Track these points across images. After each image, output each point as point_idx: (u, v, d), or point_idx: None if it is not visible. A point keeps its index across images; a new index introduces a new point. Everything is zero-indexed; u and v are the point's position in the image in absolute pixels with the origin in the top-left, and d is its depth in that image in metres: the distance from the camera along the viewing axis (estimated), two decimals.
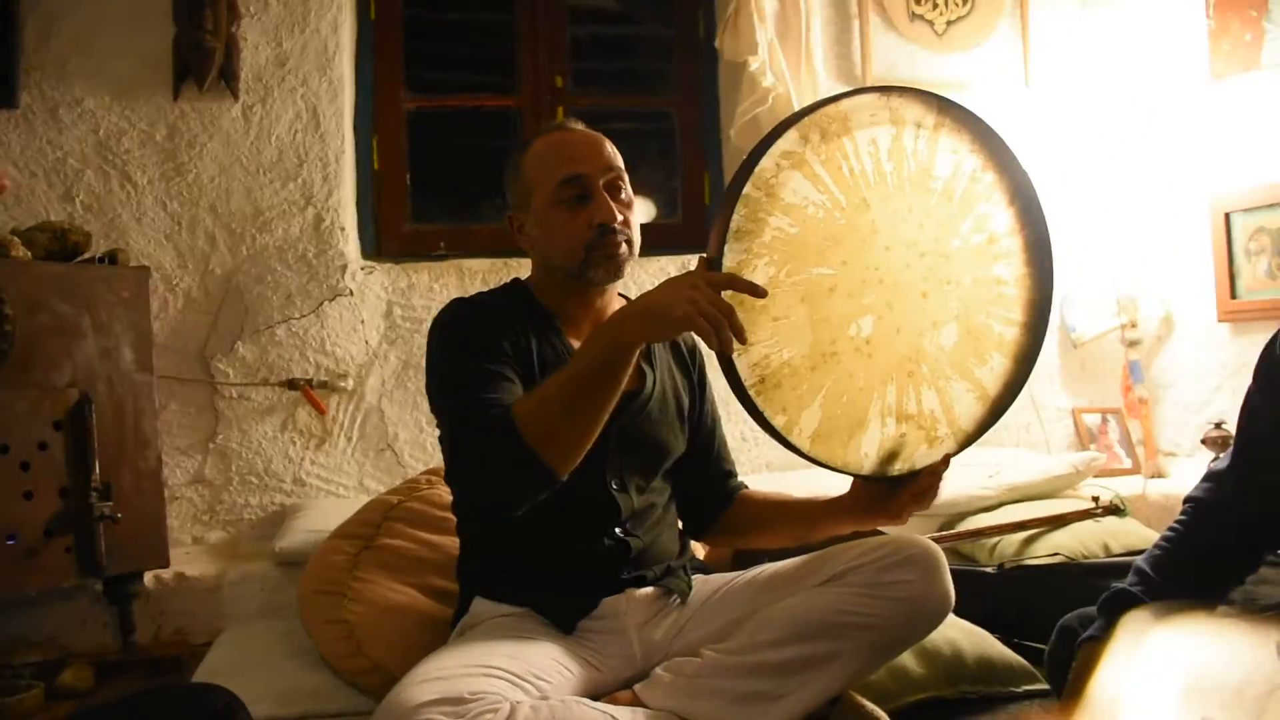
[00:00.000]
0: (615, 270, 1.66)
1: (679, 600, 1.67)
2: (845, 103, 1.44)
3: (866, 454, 1.54)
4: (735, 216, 1.38)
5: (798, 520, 1.75)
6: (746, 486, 1.90)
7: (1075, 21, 3.37)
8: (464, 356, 1.59)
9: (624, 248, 1.65)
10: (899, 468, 1.56)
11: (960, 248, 1.54)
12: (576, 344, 1.67)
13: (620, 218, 1.64)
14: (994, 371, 1.59)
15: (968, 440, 1.61)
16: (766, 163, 1.39)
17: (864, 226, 1.47)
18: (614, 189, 1.66)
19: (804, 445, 1.48)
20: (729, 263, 1.38)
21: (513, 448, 1.40)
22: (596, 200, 1.63)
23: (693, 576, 1.74)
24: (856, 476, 1.58)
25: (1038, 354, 1.61)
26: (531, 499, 1.47)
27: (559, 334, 1.70)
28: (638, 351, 1.42)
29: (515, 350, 1.61)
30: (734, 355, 1.37)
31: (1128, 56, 3.31)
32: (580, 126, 1.74)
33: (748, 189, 1.39)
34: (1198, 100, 3.15)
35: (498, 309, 1.70)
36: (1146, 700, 1.22)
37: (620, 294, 1.84)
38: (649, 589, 1.66)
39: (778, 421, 1.45)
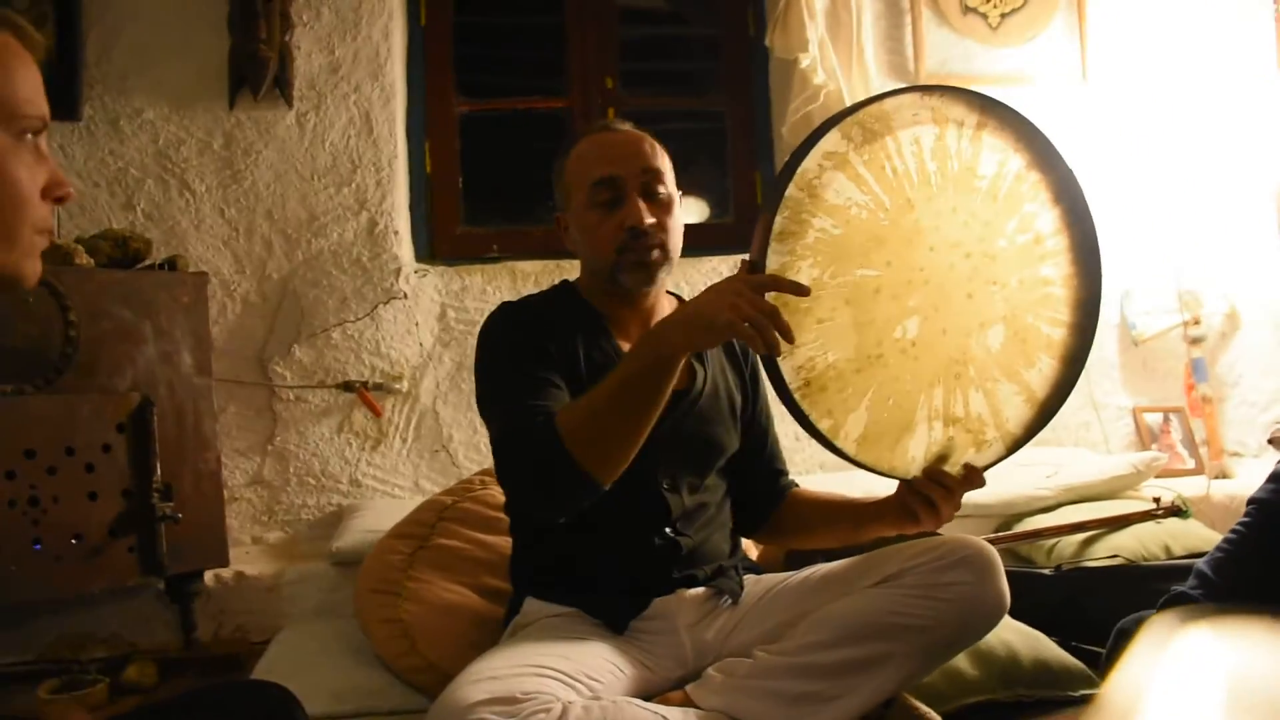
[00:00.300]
0: (646, 275, 1.65)
1: (730, 601, 1.66)
2: (887, 102, 1.42)
3: (914, 458, 1.51)
4: (778, 218, 1.37)
5: (844, 521, 1.73)
6: (798, 485, 1.88)
7: (1133, 12, 3.29)
8: (510, 363, 1.60)
9: (655, 252, 1.64)
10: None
11: (1006, 248, 1.51)
12: (625, 345, 1.68)
13: (652, 220, 1.62)
14: (1042, 374, 1.56)
15: (1016, 444, 1.57)
16: (809, 163, 1.38)
17: (908, 227, 1.45)
18: (649, 190, 1.65)
19: (850, 449, 1.46)
20: (772, 265, 1.37)
21: (556, 457, 1.41)
22: (628, 202, 1.63)
23: (745, 577, 1.73)
24: (902, 480, 1.55)
25: (1086, 356, 1.57)
26: (575, 507, 1.47)
27: (608, 336, 1.69)
28: (682, 361, 1.41)
29: (562, 354, 1.62)
30: (779, 358, 1.36)
31: (1189, 47, 3.22)
32: (626, 126, 1.73)
33: (790, 190, 1.37)
34: (1263, 90, 3.07)
35: (545, 312, 1.70)
36: (1187, 702, 1.19)
37: (672, 293, 1.84)
38: (700, 589, 1.65)
39: (823, 425, 1.43)
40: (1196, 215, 3.23)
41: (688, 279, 2.96)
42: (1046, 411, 1.58)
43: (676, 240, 1.68)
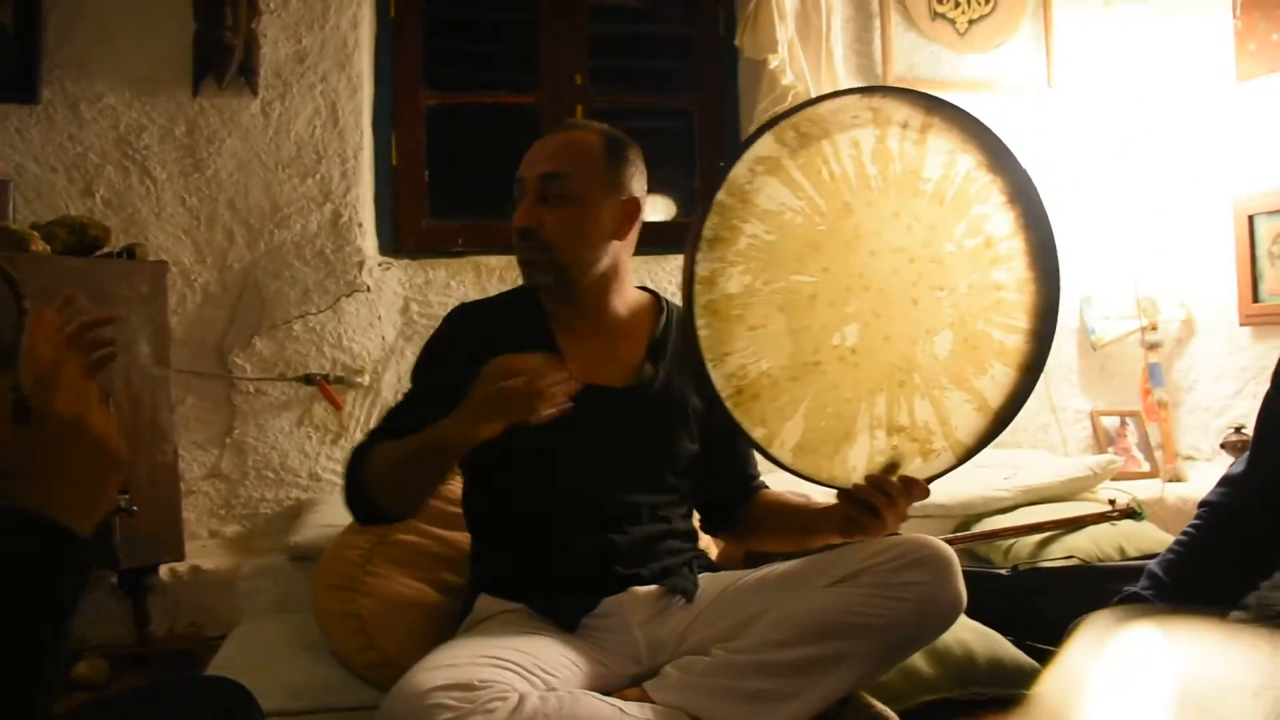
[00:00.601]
0: (530, 275, 1.68)
1: (683, 599, 1.66)
2: (825, 105, 1.41)
3: (854, 467, 1.49)
4: (707, 224, 1.37)
5: (794, 526, 1.73)
6: (766, 488, 1.88)
7: (1099, 21, 3.34)
8: (414, 379, 1.76)
9: (529, 254, 1.66)
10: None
11: (954, 252, 1.49)
12: (566, 341, 1.70)
13: (526, 225, 1.65)
14: (995, 381, 1.53)
15: (967, 453, 1.55)
16: (740, 169, 1.37)
17: (846, 232, 1.43)
18: (543, 192, 1.66)
19: (785, 458, 1.44)
20: (703, 271, 1.37)
21: (356, 482, 1.60)
22: (522, 204, 1.67)
23: (702, 575, 1.73)
24: (842, 490, 1.53)
25: (1044, 362, 1.54)
26: (372, 524, 1.72)
27: (549, 334, 1.71)
28: (458, 453, 1.51)
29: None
30: (709, 365, 1.37)
31: (1152, 57, 3.27)
32: (577, 128, 1.74)
33: (720, 196, 1.37)
34: (1222, 102, 3.12)
35: (492, 315, 1.76)
36: (1120, 697, 1.21)
37: (645, 289, 1.85)
38: (652, 587, 1.65)
39: (756, 434, 1.42)
40: (1156, 223, 3.29)
41: (653, 277, 2.97)
42: (1000, 420, 1.55)
43: (577, 246, 1.67)
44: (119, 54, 2.77)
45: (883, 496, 1.48)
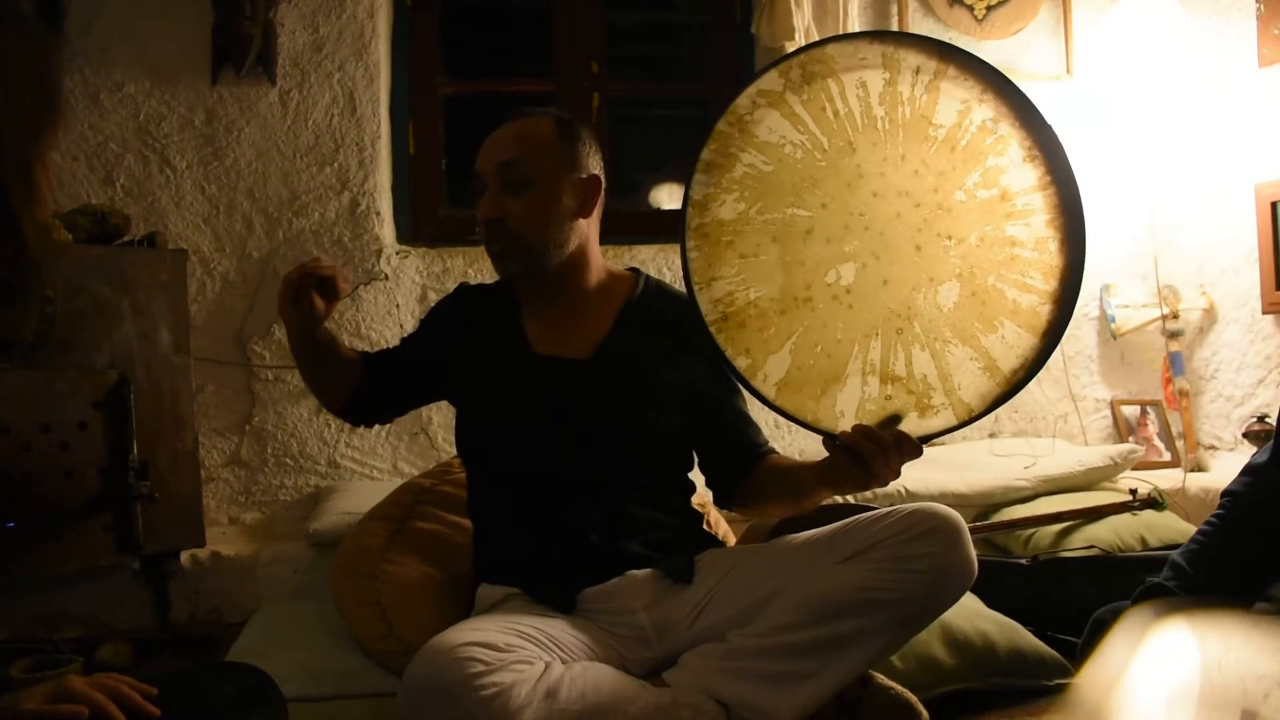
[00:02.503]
0: (502, 266, 1.73)
1: (674, 582, 1.64)
2: (832, 46, 1.41)
3: (842, 412, 1.45)
4: (705, 150, 1.38)
5: (789, 484, 1.69)
6: (774, 453, 1.82)
7: (1118, 6, 3.30)
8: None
9: (495, 244, 1.69)
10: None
11: (964, 202, 1.44)
12: (533, 327, 1.76)
13: (490, 215, 1.67)
14: (1006, 342, 1.46)
15: (970, 415, 1.47)
16: (742, 100, 1.39)
17: (848, 170, 1.42)
18: (506, 182, 1.68)
19: (769, 392, 1.42)
20: (696, 195, 1.39)
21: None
22: (484, 196, 1.70)
23: (706, 552, 1.70)
24: (827, 435, 1.46)
25: (1063, 328, 1.46)
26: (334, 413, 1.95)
27: (519, 320, 1.77)
28: (299, 331, 1.76)
29: (479, 337, 1.80)
30: (696, 289, 1.39)
31: (1173, 42, 3.23)
32: (518, 119, 1.74)
33: (720, 124, 1.38)
34: (1245, 87, 3.09)
35: (480, 298, 1.87)
36: (1161, 693, 1.20)
37: (633, 270, 1.86)
38: (646, 571, 1.64)
39: (740, 363, 1.41)
40: (1176, 210, 3.26)
41: (669, 264, 2.95)
42: (1011, 384, 1.47)
43: (541, 229, 1.69)
44: (139, 44, 2.78)
45: (870, 446, 1.42)
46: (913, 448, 1.44)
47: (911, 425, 1.46)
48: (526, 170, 1.67)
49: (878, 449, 1.41)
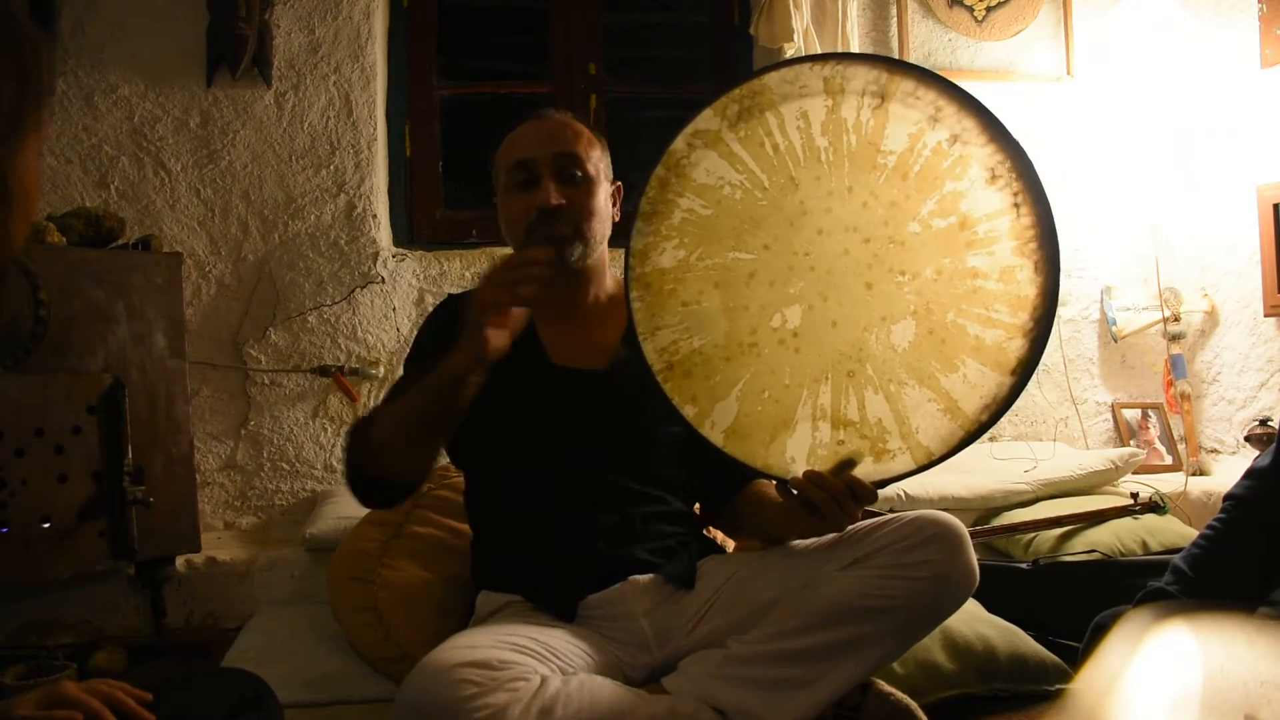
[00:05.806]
0: (561, 250, 1.65)
1: (676, 587, 1.63)
2: (769, 76, 1.38)
3: (793, 458, 1.41)
4: (644, 198, 1.37)
5: (760, 523, 1.69)
6: (760, 479, 1.79)
7: (1119, 7, 3.29)
8: (404, 367, 1.79)
9: (565, 227, 1.64)
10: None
11: (919, 233, 1.38)
12: (546, 332, 1.72)
13: (561, 201, 1.64)
14: (968, 381, 1.38)
15: (930, 459, 1.41)
16: (678, 143, 1.36)
17: (791, 208, 1.38)
18: (564, 173, 1.66)
19: (717, 440, 1.40)
20: (636, 244, 1.38)
21: (355, 456, 1.58)
22: (541, 184, 1.65)
23: (707, 558, 1.69)
24: (779, 481, 1.45)
25: (1034, 365, 1.37)
26: (375, 502, 1.64)
27: (532, 329, 1.69)
28: (472, 379, 1.44)
29: None
30: (641, 339, 1.38)
31: (1174, 43, 3.23)
32: (558, 115, 1.74)
33: (658, 169, 1.36)
34: (1246, 89, 3.08)
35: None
36: (1162, 698, 1.19)
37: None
38: (649, 576, 1.63)
39: (687, 411, 1.39)
40: (1178, 212, 3.24)
41: None
42: (974, 427, 1.39)
43: (597, 223, 1.68)
44: (133, 45, 2.77)
45: (819, 494, 1.40)
46: (867, 493, 1.41)
47: (867, 470, 1.41)
48: (584, 165, 1.68)
49: (828, 496, 1.40)
